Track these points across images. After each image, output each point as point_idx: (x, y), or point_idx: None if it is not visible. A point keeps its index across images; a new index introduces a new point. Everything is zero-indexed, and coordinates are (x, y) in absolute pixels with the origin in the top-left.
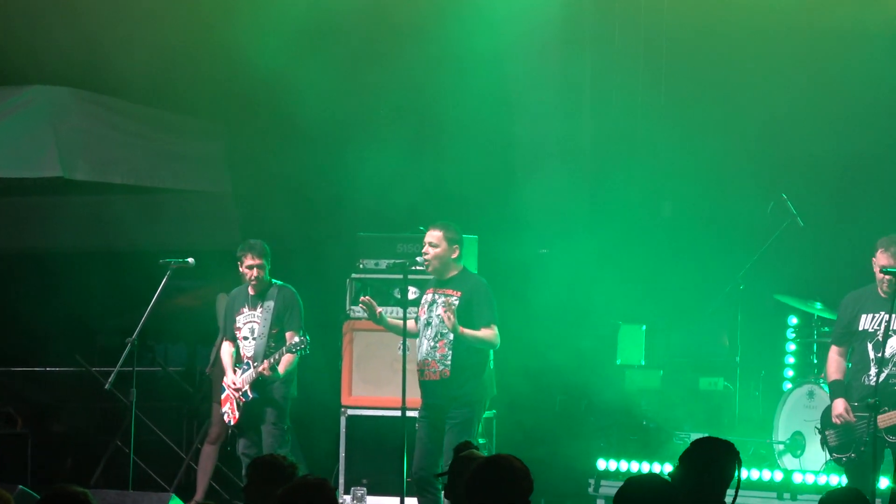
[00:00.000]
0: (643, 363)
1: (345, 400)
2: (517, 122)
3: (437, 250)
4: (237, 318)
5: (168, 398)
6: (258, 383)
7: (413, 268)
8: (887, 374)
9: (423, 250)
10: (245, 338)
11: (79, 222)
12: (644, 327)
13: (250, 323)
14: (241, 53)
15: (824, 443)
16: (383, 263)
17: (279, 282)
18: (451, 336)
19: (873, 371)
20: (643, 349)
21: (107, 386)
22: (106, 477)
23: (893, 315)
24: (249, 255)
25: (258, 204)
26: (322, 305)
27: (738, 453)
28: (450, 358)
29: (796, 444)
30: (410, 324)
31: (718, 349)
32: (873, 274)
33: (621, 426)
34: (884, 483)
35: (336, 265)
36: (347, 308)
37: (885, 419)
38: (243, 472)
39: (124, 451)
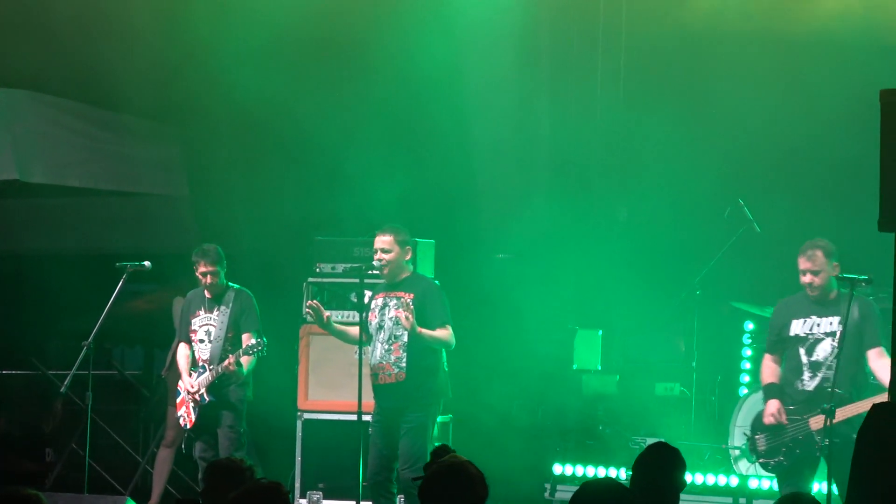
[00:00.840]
0: (599, 368)
1: (301, 404)
2: (474, 127)
3: (391, 255)
4: (193, 321)
5: (124, 402)
6: (214, 386)
7: (369, 272)
8: (822, 378)
9: (377, 256)
10: (201, 340)
11: (35, 225)
12: (601, 332)
13: (206, 326)
14: (200, 59)
15: (753, 449)
16: (340, 267)
17: (236, 285)
18: (406, 338)
19: (807, 375)
20: (600, 354)
21: (62, 389)
22: (61, 480)
23: (823, 319)
24: (203, 263)
25: (215, 208)
26: (278, 309)
27: (682, 460)
28: (405, 360)
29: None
30: (354, 330)
31: (675, 354)
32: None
33: (577, 431)
34: (816, 488)
35: (293, 269)
36: (304, 312)
37: (817, 421)
38: (199, 475)
39: (79, 454)
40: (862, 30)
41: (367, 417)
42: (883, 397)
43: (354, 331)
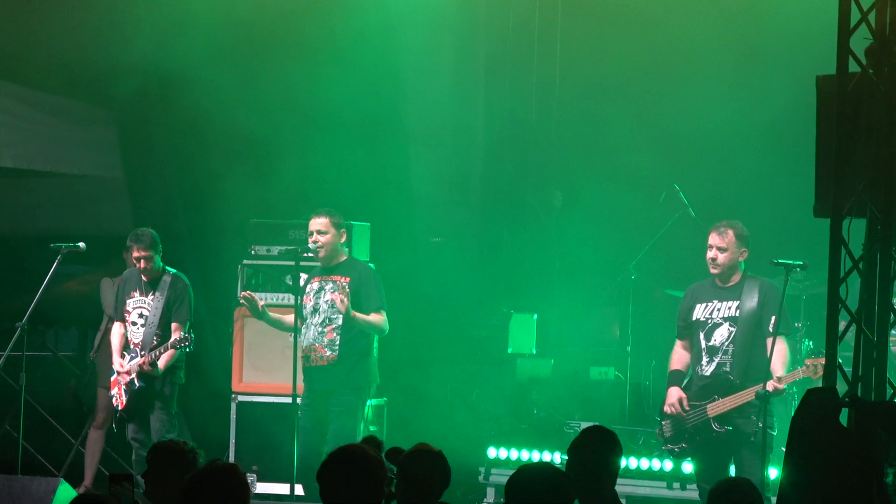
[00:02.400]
0: (534, 352)
1: (235, 386)
2: (410, 111)
3: (327, 237)
4: (128, 302)
5: (58, 383)
6: (144, 372)
7: (304, 254)
8: (718, 363)
9: (312, 238)
10: (133, 323)
11: None
12: (535, 316)
13: (140, 308)
14: (137, 42)
15: (661, 434)
16: (275, 250)
17: (173, 270)
18: (340, 321)
19: (705, 360)
20: (534, 338)
21: None
22: None
23: (723, 303)
24: (136, 247)
25: (150, 190)
26: (213, 292)
27: (619, 444)
28: (338, 343)
29: None
30: (289, 318)
31: (609, 339)
32: (763, 264)
33: (512, 415)
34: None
35: (228, 251)
36: (239, 294)
37: (714, 407)
38: (133, 457)
39: (13, 435)
40: (802, 12)
41: (301, 400)
42: (775, 383)
43: (289, 318)
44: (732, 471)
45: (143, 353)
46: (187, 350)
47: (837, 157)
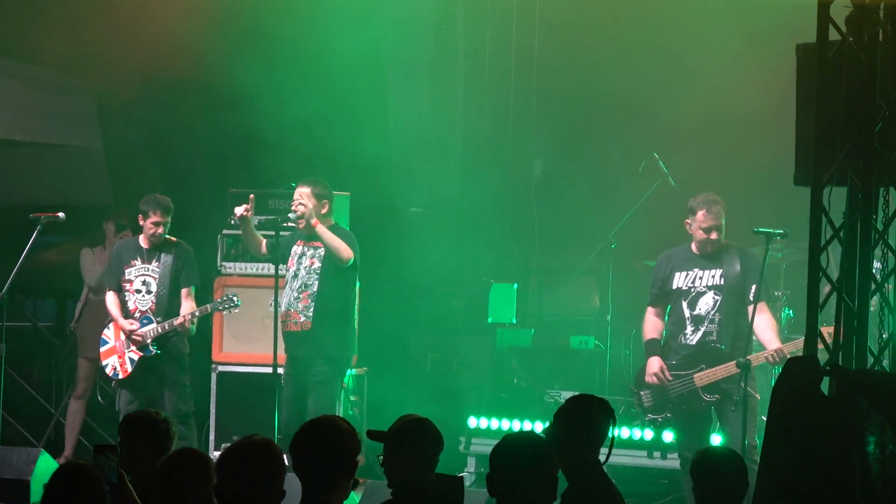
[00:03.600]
0: (514, 322)
1: (215, 356)
2: (389, 81)
3: (309, 206)
4: (127, 270)
5: (37, 353)
6: (160, 338)
7: (284, 223)
8: (704, 332)
9: (293, 207)
10: (137, 290)
11: None
12: (515, 286)
13: (144, 276)
14: (114, 12)
15: (640, 404)
16: (255, 220)
17: (173, 237)
18: (315, 287)
19: (689, 329)
20: (514, 308)
21: None
22: None
23: (706, 271)
24: (158, 213)
25: (129, 160)
26: None
27: (612, 411)
28: (312, 309)
29: None
30: (261, 239)
31: (589, 308)
32: (744, 234)
33: (492, 384)
34: (716, 440)
35: (207, 221)
36: (219, 264)
37: (702, 377)
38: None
39: None
40: None
41: (282, 370)
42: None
43: (261, 239)
44: (714, 439)
45: (158, 318)
46: (232, 311)
47: (817, 125)
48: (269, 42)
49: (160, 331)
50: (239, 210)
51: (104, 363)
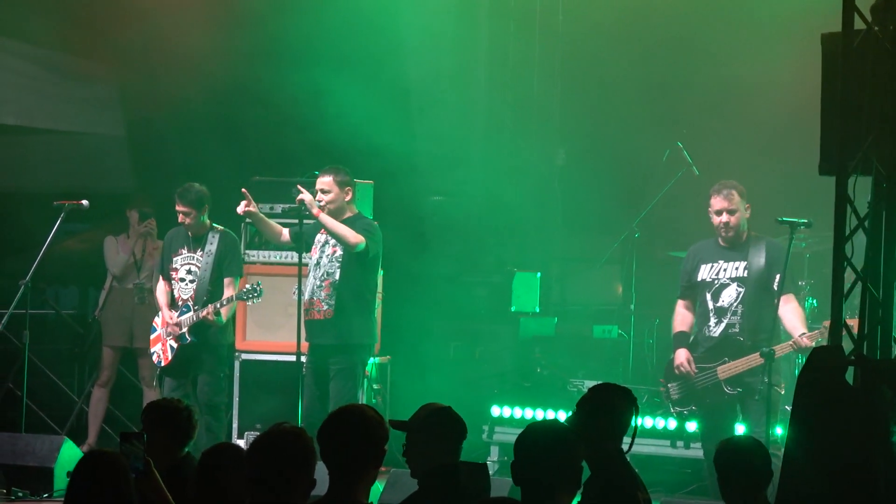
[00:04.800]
0: (538, 310)
1: (238, 344)
2: (412, 68)
3: (331, 195)
4: (174, 259)
5: (60, 341)
6: (196, 327)
7: (307, 212)
8: (727, 324)
9: (317, 197)
10: (182, 279)
11: None
12: (539, 275)
13: (189, 265)
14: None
15: (667, 396)
16: (278, 208)
17: (219, 226)
18: (337, 276)
19: (713, 321)
20: (538, 297)
21: None
22: None
23: (730, 263)
24: (179, 203)
25: (152, 148)
26: None
27: (635, 400)
28: (334, 298)
29: None
30: (280, 228)
31: (613, 297)
32: (769, 224)
33: (515, 373)
34: (740, 430)
35: (230, 210)
36: (242, 252)
37: (725, 370)
38: None
39: (16, 393)
40: None
41: (305, 358)
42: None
43: (279, 229)
44: (737, 429)
45: (196, 307)
46: (255, 301)
47: (842, 114)
48: (292, 31)
49: (195, 319)
50: (239, 209)
51: (151, 350)
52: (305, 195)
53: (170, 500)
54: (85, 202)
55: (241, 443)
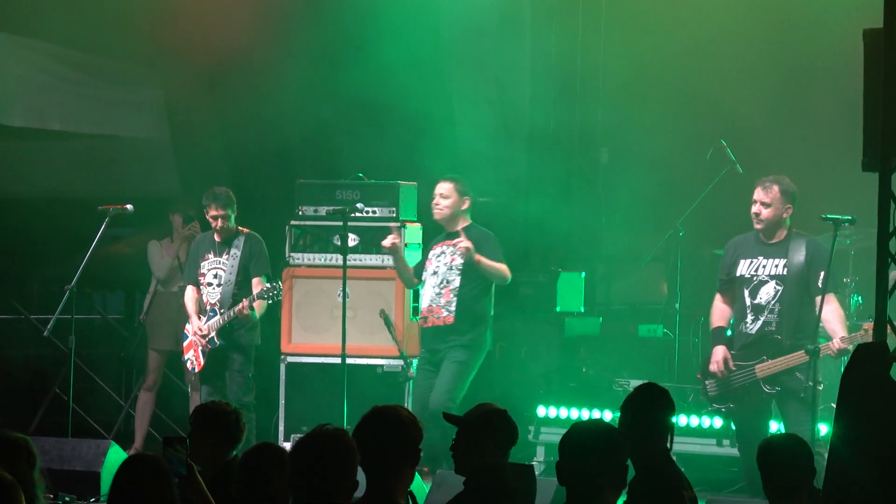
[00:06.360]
0: (582, 310)
1: (284, 347)
2: (455, 71)
3: (449, 201)
4: (202, 264)
5: (106, 345)
6: (224, 330)
7: (352, 214)
8: (763, 322)
9: (435, 202)
10: (209, 284)
11: (16, 169)
12: (584, 274)
13: (215, 269)
14: (182, 2)
15: (704, 394)
16: (323, 210)
17: (246, 229)
18: (457, 283)
19: (749, 318)
20: (583, 296)
21: (45, 333)
22: (44, 424)
23: (769, 260)
24: (213, 206)
25: (197, 151)
26: None
27: (672, 401)
28: (454, 304)
29: None
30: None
31: (657, 296)
32: (813, 221)
33: (560, 373)
34: (774, 427)
35: (275, 212)
36: (287, 255)
37: (763, 368)
38: None
39: (63, 398)
40: None
41: (350, 360)
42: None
43: (411, 270)
44: (772, 428)
45: (222, 311)
46: (276, 299)
47: (885, 110)
48: (334, 34)
49: (223, 321)
50: (386, 242)
51: (185, 358)
52: (467, 242)
53: None
54: (130, 206)
55: (288, 445)
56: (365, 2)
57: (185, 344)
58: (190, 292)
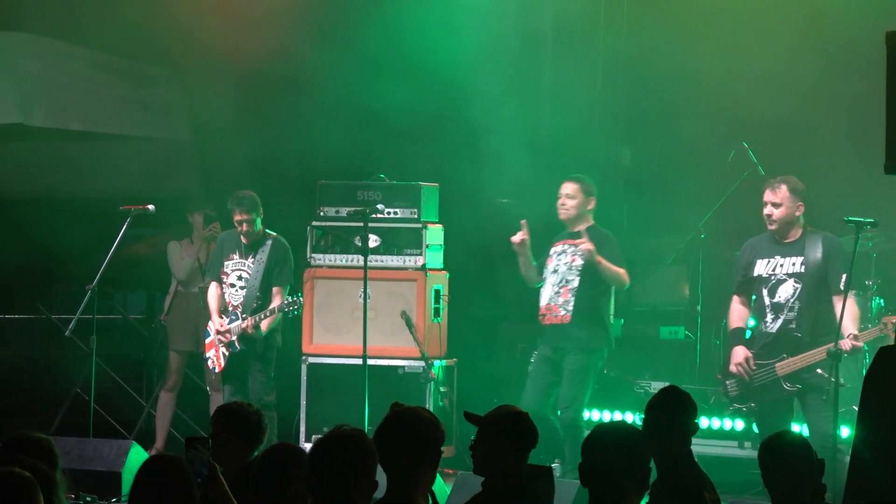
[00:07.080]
0: None
1: (305, 348)
2: (477, 73)
3: (575, 201)
4: (226, 263)
5: (127, 346)
6: (245, 335)
7: (373, 215)
8: (784, 320)
9: (560, 202)
10: (232, 285)
11: (37, 169)
12: None
13: (239, 271)
14: (204, 2)
15: (725, 394)
16: (344, 211)
17: (273, 232)
18: (576, 283)
19: (769, 317)
20: None
21: (67, 332)
22: (65, 424)
23: (787, 259)
24: (238, 211)
25: (217, 152)
26: None
27: (694, 404)
28: (572, 303)
29: None
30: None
31: (679, 298)
32: (835, 223)
33: None
34: (796, 429)
35: (296, 213)
36: (308, 255)
37: (783, 366)
38: None
39: (84, 398)
40: None
41: (372, 361)
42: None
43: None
44: (793, 429)
45: (244, 315)
46: (295, 314)
47: None
48: (357, 37)
49: (244, 327)
50: (515, 238)
51: (206, 356)
52: (589, 244)
53: None
54: (151, 207)
55: (308, 446)
56: (388, 7)
57: (207, 342)
58: (213, 289)
